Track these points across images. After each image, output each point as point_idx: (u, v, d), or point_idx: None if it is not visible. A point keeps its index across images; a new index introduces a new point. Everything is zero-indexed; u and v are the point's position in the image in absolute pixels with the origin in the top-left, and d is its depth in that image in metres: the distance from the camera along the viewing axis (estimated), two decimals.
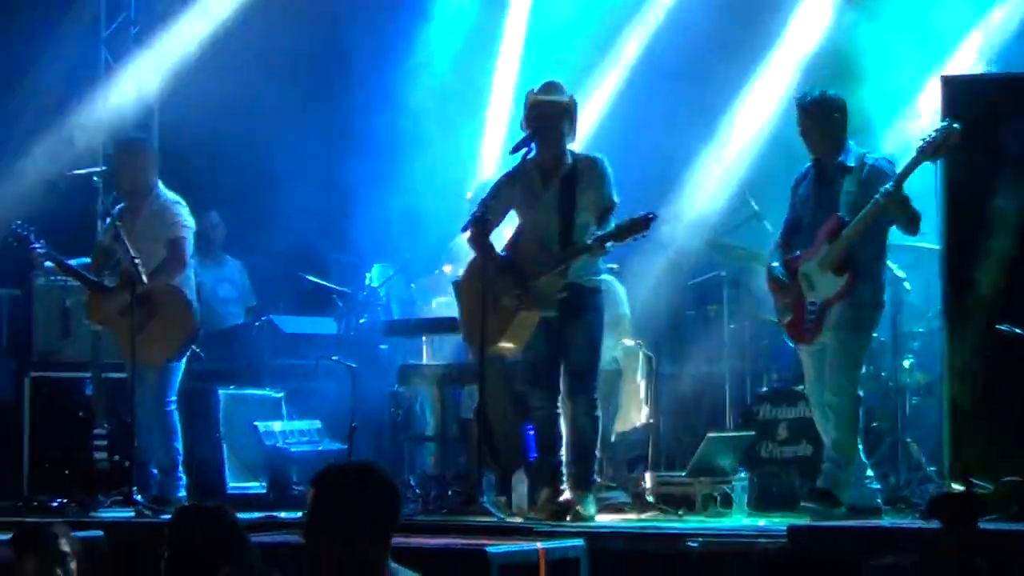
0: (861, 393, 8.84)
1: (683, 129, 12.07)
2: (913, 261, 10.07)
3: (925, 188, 9.00)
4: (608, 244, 8.82)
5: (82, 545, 6.53)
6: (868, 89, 10.83)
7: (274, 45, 13.07)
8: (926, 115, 10.66)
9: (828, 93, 8.93)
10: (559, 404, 9.07)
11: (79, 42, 13.49)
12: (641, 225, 8.67)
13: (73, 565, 6.11)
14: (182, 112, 13.20)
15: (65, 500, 10.14)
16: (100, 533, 8.56)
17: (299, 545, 5.07)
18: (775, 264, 8.93)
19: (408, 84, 13.10)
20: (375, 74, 13.40)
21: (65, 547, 6.13)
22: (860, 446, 8.79)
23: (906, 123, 10.83)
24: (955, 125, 8.30)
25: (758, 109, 12.38)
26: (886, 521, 8.64)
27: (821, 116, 8.76)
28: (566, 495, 8.93)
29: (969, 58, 11.37)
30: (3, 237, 10.64)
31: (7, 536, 6.36)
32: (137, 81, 13.48)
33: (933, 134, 8.32)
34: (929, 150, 8.26)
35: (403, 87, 13.07)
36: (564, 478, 9.07)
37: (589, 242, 8.77)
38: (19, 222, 10.30)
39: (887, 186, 8.30)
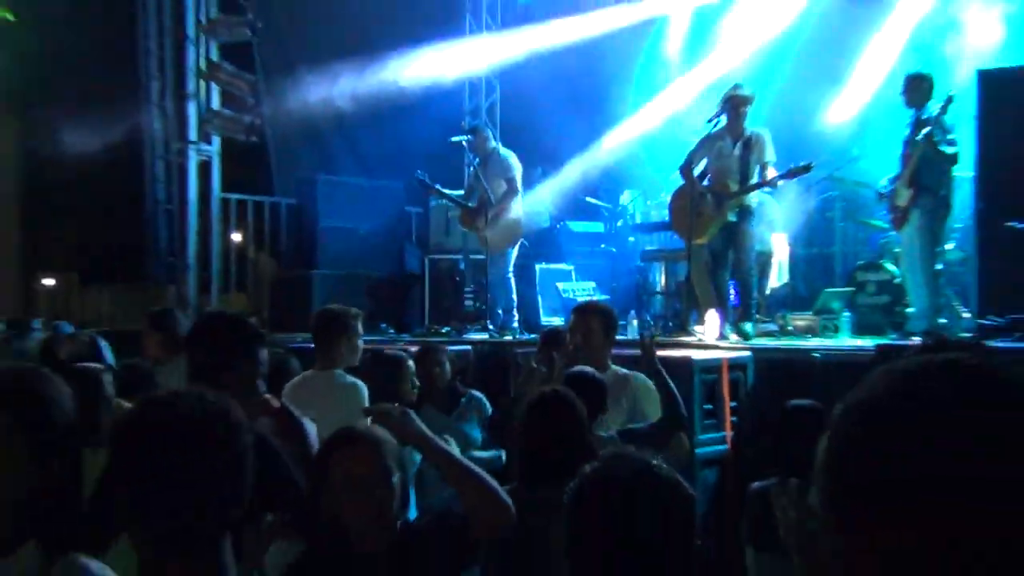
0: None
1: (810, 88, 12.68)
2: None
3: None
4: (780, 182, 10.02)
5: (456, 356, 7.72)
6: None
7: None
8: None
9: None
10: (729, 273, 10.19)
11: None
12: (803, 170, 9.92)
13: (448, 367, 7.22)
14: (514, 88, 15.13)
15: (448, 328, 11.92)
16: (468, 347, 9.97)
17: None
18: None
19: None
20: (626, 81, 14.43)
21: (443, 357, 7.26)
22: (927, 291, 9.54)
23: None
24: None
25: (872, 70, 12.77)
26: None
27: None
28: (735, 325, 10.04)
29: None
30: (411, 179, 12.12)
31: (415, 348, 7.48)
32: (488, 58, 15.11)
33: None
34: None
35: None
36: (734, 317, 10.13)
37: (769, 179, 9.95)
38: (419, 171, 11.87)
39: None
